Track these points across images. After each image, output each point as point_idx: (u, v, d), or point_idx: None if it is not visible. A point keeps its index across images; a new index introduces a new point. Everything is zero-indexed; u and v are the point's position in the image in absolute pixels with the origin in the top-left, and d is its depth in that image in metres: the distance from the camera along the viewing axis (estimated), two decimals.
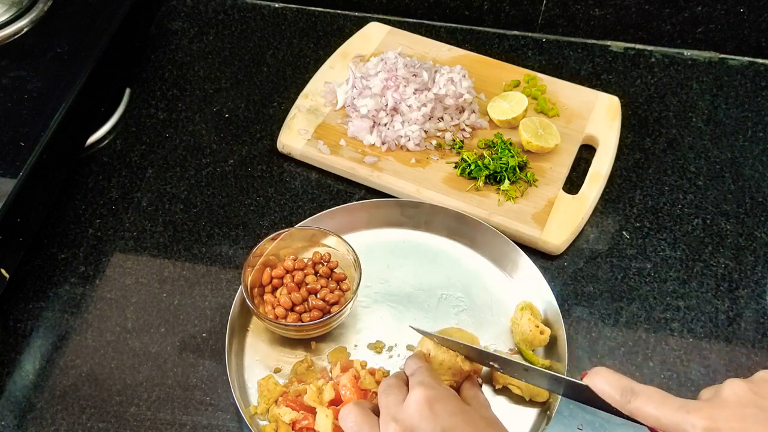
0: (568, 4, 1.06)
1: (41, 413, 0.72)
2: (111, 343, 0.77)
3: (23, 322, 0.78)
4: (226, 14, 1.12)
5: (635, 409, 0.52)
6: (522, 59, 1.06)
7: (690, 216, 0.89)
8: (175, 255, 0.84)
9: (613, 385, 0.53)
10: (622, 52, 1.09)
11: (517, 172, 0.88)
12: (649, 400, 0.51)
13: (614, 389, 0.53)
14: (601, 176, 0.89)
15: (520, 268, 0.80)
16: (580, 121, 0.95)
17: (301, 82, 1.00)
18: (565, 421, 0.72)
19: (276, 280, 0.76)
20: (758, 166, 0.94)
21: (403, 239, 0.85)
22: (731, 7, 1.03)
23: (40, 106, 0.80)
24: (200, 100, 1.00)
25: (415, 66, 0.95)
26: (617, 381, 0.54)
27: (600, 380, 0.54)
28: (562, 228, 0.84)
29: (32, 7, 0.90)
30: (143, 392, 0.73)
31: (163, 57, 1.06)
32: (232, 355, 0.73)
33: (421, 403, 0.55)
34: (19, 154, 0.75)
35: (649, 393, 0.52)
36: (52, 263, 0.83)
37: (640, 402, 0.52)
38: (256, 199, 0.90)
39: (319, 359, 0.75)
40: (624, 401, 0.52)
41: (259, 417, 0.70)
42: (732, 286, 0.82)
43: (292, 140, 0.92)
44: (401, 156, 0.91)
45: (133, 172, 0.92)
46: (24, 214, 0.74)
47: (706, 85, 1.04)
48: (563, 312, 0.76)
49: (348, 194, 0.90)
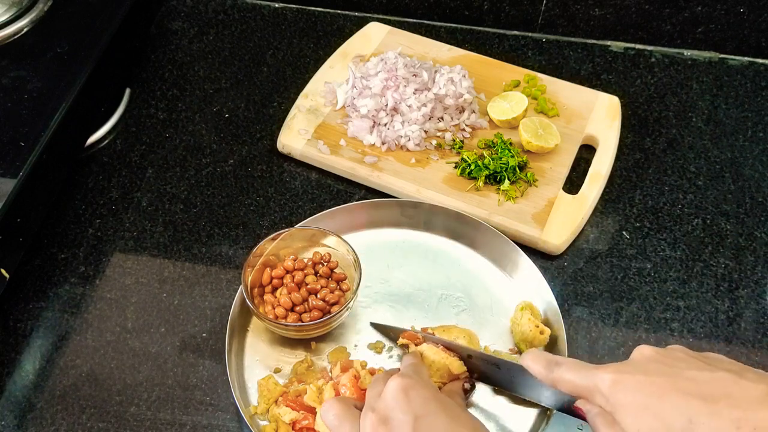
0: (568, 4, 1.06)
1: (41, 413, 0.72)
2: (111, 343, 0.77)
3: (23, 322, 0.78)
4: (226, 14, 1.12)
5: (557, 378, 0.56)
6: (522, 59, 1.06)
7: (690, 216, 0.89)
8: (175, 255, 0.84)
9: (539, 360, 0.58)
10: (622, 52, 1.09)
11: (517, 172, 0.88)
12: (568, 367, 0.55)
13: (540, 363, 0.58)
14: (601, 176, 0.89)
15: (520, 268, 0.80)
16: (580, 121, 0.95)
17: (301, 82, 1.00)
18: (565, 421, 0.71)
19: (276, 280, 0.76)
20: (758, 166, 0.94)
21: (403, 239, 0.85)
22: (731, 7, 1.03)
23: (40, 106, 0.80)
24: (200, 100, 1.00)
25: (415, 66, 0.95)
26: (543, 356, 0.58)
27: (528, 358, 0.59)
28: (562, 228, 0.84)
29: (32, 7, 0.90)
30: (143, 392, 0.73)
31: (163, 57, 1.06)
32: (232, 355, 0.73)
33: (395, 390, 0.56)
34: (19, 154, 0.75)
35: (570, 362, 0.56)
36: (52, 263, 0.83)
37: (561, 370, 0.55)
38: (256, 199, 0.90)
39: (319, 359, 0.75)
40: (548, 372, 0.56)
41: (259, 417, 0.70)
42: (732, 286, 0.82)
43: (292, 140, 0.92)
44: (401, 156, 0.91)
45: (133, 172, 0.92)
46: (24, 214, 0.74)
47: (706, 85, 1.04)
48: (563, 312, 0.76)
49: (348, 194, 0.90)
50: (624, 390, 0.50)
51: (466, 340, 0.72)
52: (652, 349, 0.53)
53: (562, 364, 0.56)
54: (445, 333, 0.73)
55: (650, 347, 0.53)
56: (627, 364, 0.53)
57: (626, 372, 0.51)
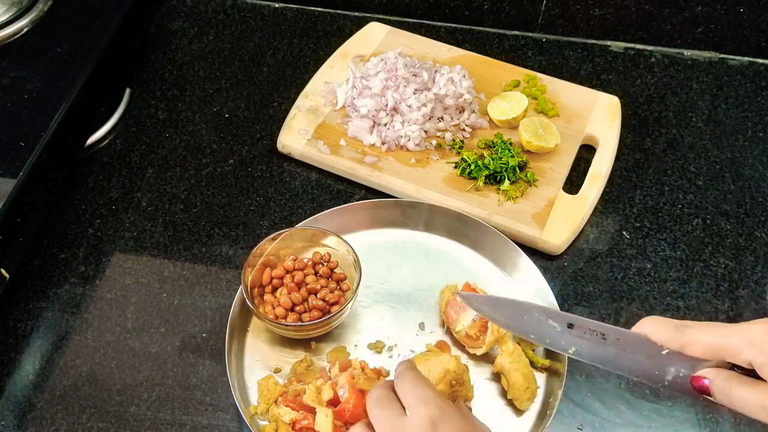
0: (568, 4, 1.06)
1: (41, 413, 0.72)
2: (111, 343, 0.77)
3: (23, 322, 0.78)
4: (226, 14, 1.12)
5: (689, 339, 0.50)
6: (522, 59, 1.06)
7: (690, 216, 0.89)
8: (175, 255, 0.84)
9: (665, 323, 0.52)
10: (622, 52, 1.09)
11: (517, 172, 0.88)
12: (703, 327, 0.50)
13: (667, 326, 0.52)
14: (601, 176, 0.89)
15: (520, 268, 0.80)
16: (580, 121, 0.95)
17: (301, 82, 1.00)
18: (565, 420, 0.72)
19: (276, 280, 0.76)
20: (758, 166, 0.94)
21: (403, 239, 0.85)
22: (731, 7, 1.03)
23: (40, 106, 0.80)
24: (200, 100, 1.00)
25: (415, 66, 0.95)
26: (668, 320, 0.52)
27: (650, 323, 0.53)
28: (562, 228, 0.84)
29: (32, 7, 0.90)
30: (143, 392, 0.73)
31: (163, 57, 1.06)
32: (232, 355, 0.73)
33: (423, 422, 0.51)
34: (19, 154, 0.75)
35: (702, 323, 0.51)
36: (52, 263, 0.83)
37: (694, 330, 0.50)
38: (256, 199, 0.90)
39: (318, 359, 0.75)
40: (678, 334, 0.51)
41: (259, 417, 0.70)
42: (732, 286, 0.82)
43: (292, 140, 0.92)
44: (401, 156, 0.91)
45: (133, 172, 0.92)
46: (24, 214, 0.74)
47: (706, 85, 1.04)
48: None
49: (348, 194, 0.90)
50: None
51: (453, 365, 0.66)
52: None
53: (692, 326, 0.51)
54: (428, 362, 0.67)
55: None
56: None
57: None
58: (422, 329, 0.77)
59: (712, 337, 0.50)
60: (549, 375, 0.74)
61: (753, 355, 0.47)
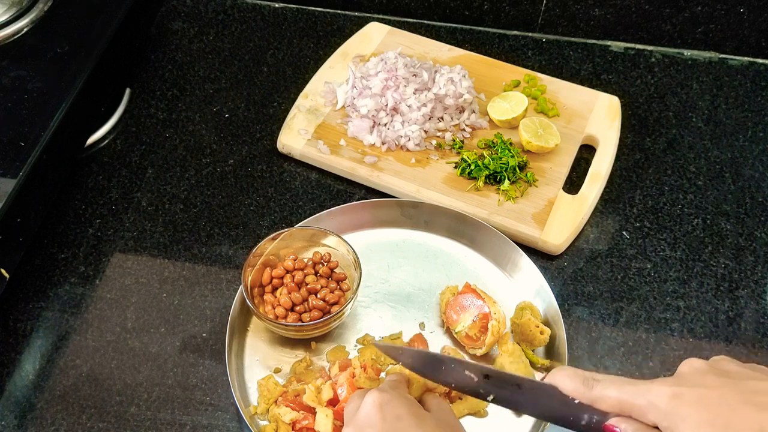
0: (568, 4, 1.06)
1: (41, 413, 0.72)
2: (111, 343, 0.77)
3: (23, 322, 0.78)
4: (226, 14, 1.12)
5: (598, 395, 0.51)
6: (522, 59, 1.06)
7: (690, 216, 0.89)
8: (175, 255, 0.84)
9: (575, 377, 0.53)
10: (622, 52, 1.09)
11: (517, 172, 0.88)
12: (612, 383, 0.51)
13: (577, 380, 0.53)
14: (601, 176, 0.89)
15: (520, 268, 0.80)
16: (580, 121, 0.95)
17: (301, 82, 1.00)
18: None
19: (276, 280, 0.76)
20: (758, 166, 0.94)
21: (403, 239, 0.85)
22: (731, 7, 1.03)
23: (40, 106, 0.80)
24: (200, 100, 1.00)
25: (415, 66, 0.95)
26: (579, 373, 0.53)
27: (561, 375, 0.54)
28: (562, 228, 0.84)
29: (32, 7, 0.90)
30: (143, 392, 0.73)
31: (163, 57, 1.06)
32: (232, 355, 0.73)
33: (371, 405, 0.56)
34: (19, 154, 0.75)
35: (611, 378, 0.52)
36: (52, 263, 0.83)
37: (602, 387, 0.51)
38: (256, 199, 0.90)
39: (318, 359, 0.75)
40: (587, 389, 0.52)
41: (259, 417, 0.70)
42: (732, 286, 0.82)
43: (292, 140, 0.92)
44: (401, 156, 0.91)
45: (133, 172, 0.92)
46: (24, 214, 0.74)
47: (706, 85, 1.04)
48: (563, 312, 0.76)
49: (348, 194, 0.90)
50: (686, 404, 0.48)
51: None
52: (702, 362, 0.51)
53: (601, 380, 0.52)
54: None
55: (698, 359, 0.51)
56: (680, 378, 0.50)
57: (685, 385, 0.49)
58: (422, 329, 0.77)
59: (620, 394, 0.50)
60: None
61: (657, 419, 0.49)
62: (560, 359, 0.72)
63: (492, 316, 0.72)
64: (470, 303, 0.74)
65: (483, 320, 0.72)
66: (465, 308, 0.74)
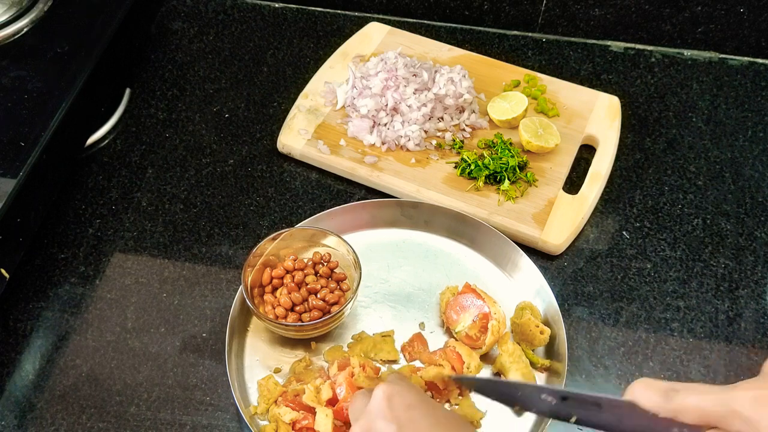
0: (568, 4, 1.06)
1: (41, 413, 0.72)
2: (111, 343, 0.77)
3: (23, 322, 0.78)
4: (226, 14, 1.12)
5: (679, 406, 0.48)
6: (522, 59, 1.06)
7: (690, 216, 0.89)
8: (175, 255, 0.84)
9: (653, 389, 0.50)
10: (622, 52, 1.09)
11: (517, 172, 0.88)
12: (692, 392, 0.48)
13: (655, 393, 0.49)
14: (601, 176, 0.89)
15: (520, 268, 0.80)
16: (580, 121, 0.95)
17: (301, 82, 1.00)
18: None
19: (276, 280, 0.76)
20: (758, 166, 0.94)
21: (403, 239, 0.85)
22: (731, 7, 1.03)
23: (40, 106, 0.80)
24: (200, 100, 1.00)
25: (415, 66, 0.95)
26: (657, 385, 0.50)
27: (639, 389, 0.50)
28: (562, 228, 0.84)
29: (32, 7, 0.90)
30: (143, 392, 0.73)
31: (163, 57, 1.06)
32: (232, 355, 0.73)
33: (380, 398, 0.56)
34: (19, 154, 0.75)
35: (691, 386, 0.49)
36: (52, 263, 0.83)
37: (682, 397, 0.48)
38: (256, 199, 0.90)
39: (318, 359, 0.75)
40: (665, 401, 0.49)
41: (259, 417, 0.70)
42: (732, 286, 0.82)
43: (292, 140, 0.92)
44: (401, 156, 0.91)
45: (133, 172, 0.92)
46: (24, 214, 0.74)
47: (706, 85, 1.04)
48: (563, 312, 0.76)
49: (348, 194, 0.90)
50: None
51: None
52: None
53: (680, 390, 0.49)
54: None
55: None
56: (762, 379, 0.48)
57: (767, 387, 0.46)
58: (422, 329, 0.77)
59: (701, 403, 0.47)
60: (549, 375, 0.74)
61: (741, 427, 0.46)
62: (560, 359, 0.72)
63: (492, 316, 0.72)
64: (470, 303, 0.74)
65: (483, 320, 0.72)
66: (465, 308, 0.74)
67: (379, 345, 0.75)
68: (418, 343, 0.75)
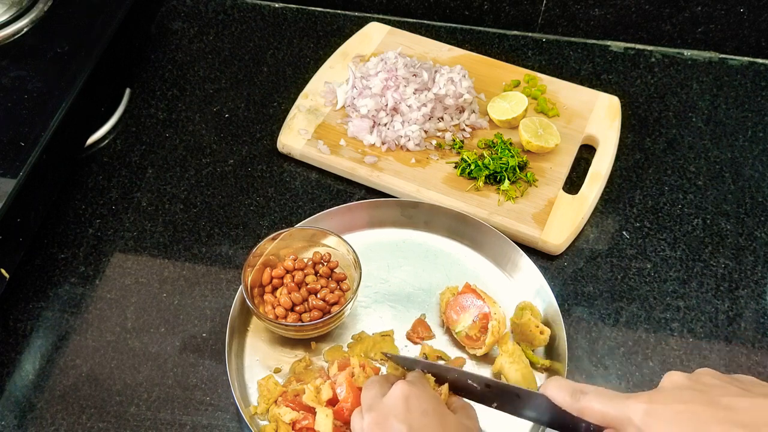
0: (568, 4, 1.06)
1: (41, 413, 0.72)
2: (111, 343, 0.77)
3: (23, 322, 0.78)
4: (226, 14, 1.12)
5: (584, 407, 0.53)
6: (522, 59, 1.06)
7: (690, 216, 0.89)
8: (175, 255, 0.84)
9: (564, 388, 0.55)
10: (622, 52, 1.09)
11: (517, 172, 0.88)
12: (596, 396, 0.53)
13: (565, 392, 0.55)
14: (601, 176, 0.89)
15: (520, 268, 0.80)
16: (580, 121, 0.95)
17: (301, 82, 1.00)
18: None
19: (276, 280, 0.76)
20: (758, 166, 0.94)
21: (403, 239, 0.85)
22: (731, 7, 1.03)
23: (40, 106, 0.80)
24: (200, 100, 1.00)
25: (415, 66, 0.95)
26: (568, 385, 0.55)
27: (552, 386, 0.56)
28: (562, 228, 0.84)
29: (32, 7, 0.90)
30: (143, 392, 0.73)
31: (163, 57, 1.06)
32: (232, 355, 0.73)
33: (398, 396, 0.57)
34: (19, 154, 0.75)
35: (597, 391, 0.53)
36: (52, 263, 0.83)
37: (587, 399, 0.53)
38: (256, 199, 0.90)
39: (318, 359, 0.75)
40: (574, 401, 0.54)
41: (259, 417, 0.70)
42: (732, 286, 0.82)
43: (292, 140, 0.92)
44: (401, 156, 0.91)
45: (133, 172, 0.92)
46: (24, 214, 0.74)
47: (706, 85, 1.04)
48: (563, 312, 0.76)
49: (348, 194, 0.90)
50: (659, 420, 0.48)
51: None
52: (683, 375, 0.51)
53: (588, 393, 0.53)
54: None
55: (680, 373, 0.51)
56: (659, 393, 0.51)
57: (660, 401, 0.49)
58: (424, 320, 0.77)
59: (604, 407, 0.52)
60: (549, 375, 0.74)
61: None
62: (560, 359, 0.72)
63: (492, 316, 0.72)
64: (470, 303, 0.74)
65: (483, 320, 0.72)
66: (465, 308, 0.74)
67: (379, 345, 0.75)
68: (422, 329, 0.76)
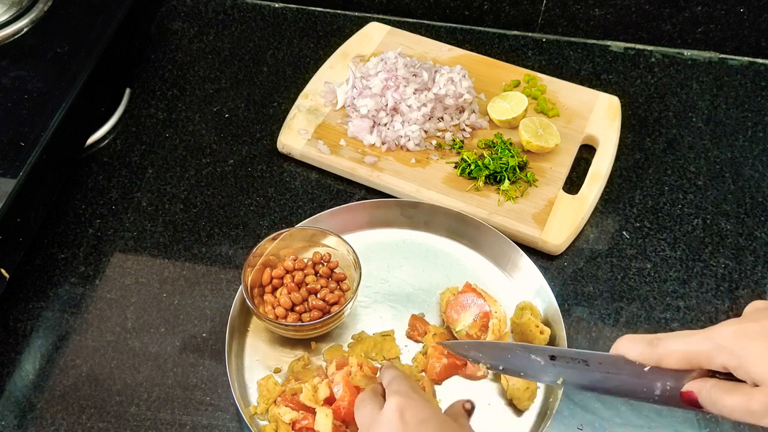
0: (568, 4, 1.06)
1: (41, 413, 0.72)
2: (111, 343, 0.77)
3: (23, 322, 0.78)
4: (226, 14, 1.12)
5: (663, 352, 0.50)
6: (522, 59, 1.06)
7: (690, 216, 0.89)
8: (175, 255, 0.84)
9: (638, 340, 0.51)
10: (622, 52, 1.09)
11: (517, 172, 0.88)
12: (675, 336, 0.50)
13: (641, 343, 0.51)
14: (601, 176, 0.89)
15: (520, 268, 0.80)
16: (580, 121, 0.95)
17: (301, 82, 1.00)
18: (565, 421, 0.72)
19: (276, 280, 0.76)
20: (758, 166, 0.94)
21: (403, 239, 0.85)
22: (731, 7, 1.03)
23: (40, 106, 0.80)
24: (200, 100, 1.00)
25: (415, 66, 0.95)
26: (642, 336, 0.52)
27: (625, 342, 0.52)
28: (562, 228, 0.84)
29: (32, 7, 0.90)
30: (143, 392, 0.73)
31: (163, 57, 1.06)
32: (232, 355, 0.73)
33: (392, 411, 0.55)
34: (19, 154, 0.75)
35: (674, 333, 0.51)
36: (52, 263, 0.83)
37: (666, 343, 0.50)
38: (256, 199, 0.90)
39: (317, 359, 0.75)
40: (651, 348, 0.50)
41: (259, 417, 0.70)
42: (732, 286, 0.82)
43: (292, 140, 0.92)
44: (401, 156, 0.91)
45: (133, 172, 0.92)
46: (24, 214, 0.74)
47: (706, 85, 1.04)
48: (563, 312, 0.76)
49: (348, 194, 0.90)
50: (751, 338, 0.47)
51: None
52: (764, 302, 0.50)
53: (664, 338, 0.50)
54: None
55: (762, 300, 0.51)
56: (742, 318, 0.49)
57: (749, 321, 0.48)
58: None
59: (683, 345, 0.49)
60: None
61: (725, 360, 0.47)
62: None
63: (493, 315, 0.72)
64: (471, 302, 0.74)
65: (484, 319, 0.72)
66: (466, 307, 0.74)
67: (380, 345, 0.75)
68: (419, 324, 0.76)
